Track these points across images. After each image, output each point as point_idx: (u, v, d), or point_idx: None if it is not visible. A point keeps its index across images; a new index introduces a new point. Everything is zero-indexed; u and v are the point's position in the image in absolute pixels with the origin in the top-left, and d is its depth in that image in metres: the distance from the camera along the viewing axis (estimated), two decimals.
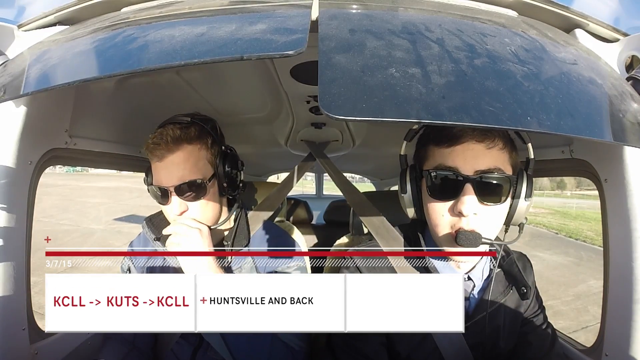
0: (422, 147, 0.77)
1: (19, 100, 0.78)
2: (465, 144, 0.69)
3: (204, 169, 0.91)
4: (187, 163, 0.87)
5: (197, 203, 0.89)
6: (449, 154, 0.70)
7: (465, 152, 0.69)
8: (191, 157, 0.88)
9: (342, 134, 1.75)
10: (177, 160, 0.87)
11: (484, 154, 0.69)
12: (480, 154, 0.69)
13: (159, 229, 1.01)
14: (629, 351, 0.72)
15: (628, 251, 0.72)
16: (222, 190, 0.95)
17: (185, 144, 0.88)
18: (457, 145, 0.69)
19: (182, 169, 0.87)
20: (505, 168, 0.70)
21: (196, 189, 0.88)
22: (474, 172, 0.68)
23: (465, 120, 0.43)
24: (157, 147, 0.85)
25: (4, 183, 0.77)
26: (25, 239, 0.83)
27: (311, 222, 2.93)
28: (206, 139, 0.92)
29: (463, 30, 0.59)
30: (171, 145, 0.86)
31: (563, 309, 4.69)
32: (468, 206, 0.67)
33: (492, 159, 0.69)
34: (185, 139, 0.88)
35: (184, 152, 0.87)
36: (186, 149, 0.88)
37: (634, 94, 0.66)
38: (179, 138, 0.87)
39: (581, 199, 15.24)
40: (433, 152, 0.73)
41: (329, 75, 0.45)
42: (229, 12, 0.68)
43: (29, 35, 0.83)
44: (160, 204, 0.91)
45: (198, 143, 0.90)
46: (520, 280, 0.80)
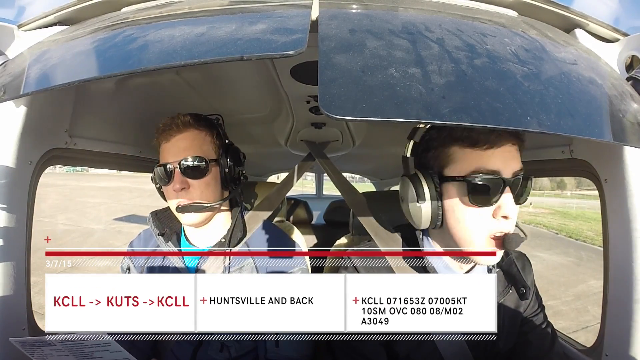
0: (440, 149, 0.71)
1: (19, 100, 0.78)
2: (504, 147, 0.68)
3: (208, 153, 0.95)
4: (193, 144, 0.93)
5: (198, 181, 0.92)
6: (489, 157, 0.67)
7: (504, 154, 0.68)
8: (197, 140, 0.94)
9: (342, 134, 1.75)
10: (184, 140, 0.92)
11: (515, 155, 0.69)
12: (515, 155, 0.69)
13: (163, 225, 1.02)
14: (629, 351, 0.72)
15: (628, 251, 0.72)
16: (223, 179, 0.98)
17: (193, 128, 0.94)
18: (496, 148, 0.67)
19: (187, 149, 0.92)
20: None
21: (198, 168, 0.92)
22: (512, 175, 0.68)
23: (465, 120, 0.43)
24: (167, 128, 0.92)
25: (4, 183, 0.77)
26: (25, 239, 0.84)
27: (311, 222, 2.93)
28: (213, 130, 0.98)
29: (463, 30, 0.58)
30: (181, 127, 0.92)
31: (563, 309, 4.69)
32: (511, 209, 0.67)
33: (519, 160, 0.70)
34: (194, 124, 0.94)
35: (191, 134, 0.93)
36: (193, 132, 0.94)
37: (634, 94, 0.66)
38: (188, 123, 0.93)
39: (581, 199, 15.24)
40: (465, 155, 0.68)
41: (329, 75, 0.45)
42: (229, 12, 0.68)
43: (29, 35, 0.83)
44: (164, 185, 0.94)
45: (205, 130, 0.96)
46: (520, 280, 0.80)
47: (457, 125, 0.65)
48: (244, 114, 1.47)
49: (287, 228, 1.42)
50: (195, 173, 0.92)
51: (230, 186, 1.01)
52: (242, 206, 1.07)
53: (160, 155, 0.95)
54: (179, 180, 0.90)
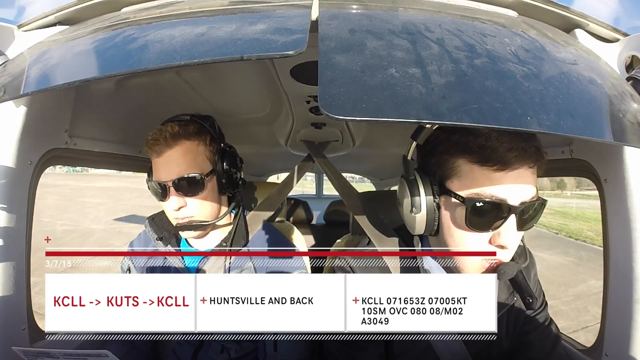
0: (445, 156, 0.65)
1: (19, 100, 0.78)
2: (519, 171, 0.60)
3: (202, 165, 0.91)
4: (185, 158, 0.88)
5: (195, 199, 0.89)
6: (499, 180, 0.60)
7: (517, 180, 0.60)
8: (189, 153, 0.89)
9: (342, 134, 1.75)
10: (175, 155, 0.87)
11: (529, 181, 0.62)
12: (528, 180, 0.61)
13: (160, 229, 1.01)
14: (629, 351, 0.72)
15: (628, 251, 0.72)
16: (221, 188, 0.95)
17: (183, 139, 0.88)
18: (509, 170, 0.59)
19: (180, 165, 0.87)
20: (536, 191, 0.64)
21: (194, 184, 0.88)
22: (520, 203, 0.61)
23: (465, 120, 0.43)
24: (156, 142, 0.86)
25: (4, 183, 0.77)
26: (25, 239, 0.84)
27: (311, 222, 2.93)
28: (205, 136, 0.93)
29: (463, 30, 0.58)
30: (170, 141, 0.87)
31: (563, 309, 4.69)
32: (512, 239, 0.62)
33: (534, 185, 0.63)
34: (184, 135, 0.88)
35: (182, 147, 0.88)
36: (184, 145, 0.88)
37: (634, 94, 0.66)
38: (177, 134, 0.88)
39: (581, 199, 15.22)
40: (472, 171, 0.61)
41: (329, 75, 0.45)
42: (229, 12, 0.68)
43: (29, 35, 0.83)
44: (159, 200, 0.92)
45: (196, 139, 0.91)
46: (525, 288, 0.75)
47: (457, 125, 0.64)
48: (244, 114, 1.47)
49: (287, 228, 1.42)
50: (191, 190, 0.88)
51: (230, 192, 0.99)
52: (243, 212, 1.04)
53: (153, 167, 0.91)
54: (175, 199, 0.87)
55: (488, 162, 0.59)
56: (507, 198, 0.60)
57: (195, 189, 0.89)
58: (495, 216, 0.61)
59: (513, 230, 0.62)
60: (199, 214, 0.91)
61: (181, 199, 0.88)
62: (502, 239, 0.62)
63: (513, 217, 0.61)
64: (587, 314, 4.52)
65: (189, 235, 0.93)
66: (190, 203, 0.89)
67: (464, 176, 0.62)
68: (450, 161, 0.64)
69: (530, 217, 0.63)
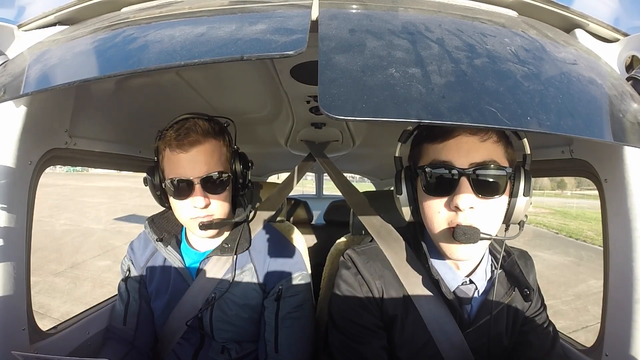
0: (416, 147, 0.77)
1: (19, 100, 0.78)
2: (458, 137, 0.68)
3: (225, 165, 0.91)
4: (213, 156, 0.87)
5: (217, 198, 0.89)
6: (442, 148, 0.69)
7: (458, 145, 0.68)
8: (216, 151, 0.88)
9: (342, 134, 1.75)
10: (206, 151, 0.86)
11: (478, 146, 0.68)
12: (474, 146, 0.68)
13: (161, 230, 1.01)
14: (629, 351, 0.72)
15: (628, 251, 0.72)
16: (236, 188, 0.95)
17: (212, 137, 0.88)
18: (449, 139, 0.68)
19: (208, 162, 0.86)
20: (501, 161, 0.69)
21: (220, 183, 0.88)
22: (469, 165, 0.67)
23: (465, 120, 0.43)
24: (186, 137, 0.83)
25: (4, 183, 0.77)
26: (25, 239, 0.83)
27: (311, 222, 2.93)
28: (225, 136, 0.93)
29: (463, 30, 0.58)
30: (201, 137, 0.85)
31: (563, 309, 4.69)
32: (464, 200, 0.66)
33: (487, 151, 0.68)
34: (212, 133, 0.88)
35: (211, 145, 0.87)
36: (213, 142, 0.88)
37: (634, 94, 0.66)
38: (207, 131, 0.86)
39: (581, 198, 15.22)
40: (427, 150, 0.72)
41: (329, 75, 0.45)
42: (229, 12, 0.68)
43: (29, 35, 0.83)
44: (176, 199, 0.87)
45: (221, 139, 0.91)
46: (523, 281, 0.79)
47: (458, 126, 0.65)
48: (244, 114, 1.47)
49: (287, 228, 1.42)
50: (218, 188, 0.87)
51: (240, 193, 0.98)
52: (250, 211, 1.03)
53: (169, 164, 0.86)
54: (201, 197, 0.84)
55: (434, 137, 0.71)
56: (452, 161, 0.68)
57: (221, 187, 0.88)
58: (446, 180, 0.68)
59: (468, 193, 0.67)
60: (218, 213, 0.90)
61: (206, 198, 0.86)
62: (455, 200, 0.67)
63: (464, 179, 0.67)
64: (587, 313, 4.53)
65: (208, 235, 0.91)
66: (213, 202, 0.88)
67: (424, 155, 0.73)
68: (418, 148, 0.76)
69: (488, 183, 0.67)
